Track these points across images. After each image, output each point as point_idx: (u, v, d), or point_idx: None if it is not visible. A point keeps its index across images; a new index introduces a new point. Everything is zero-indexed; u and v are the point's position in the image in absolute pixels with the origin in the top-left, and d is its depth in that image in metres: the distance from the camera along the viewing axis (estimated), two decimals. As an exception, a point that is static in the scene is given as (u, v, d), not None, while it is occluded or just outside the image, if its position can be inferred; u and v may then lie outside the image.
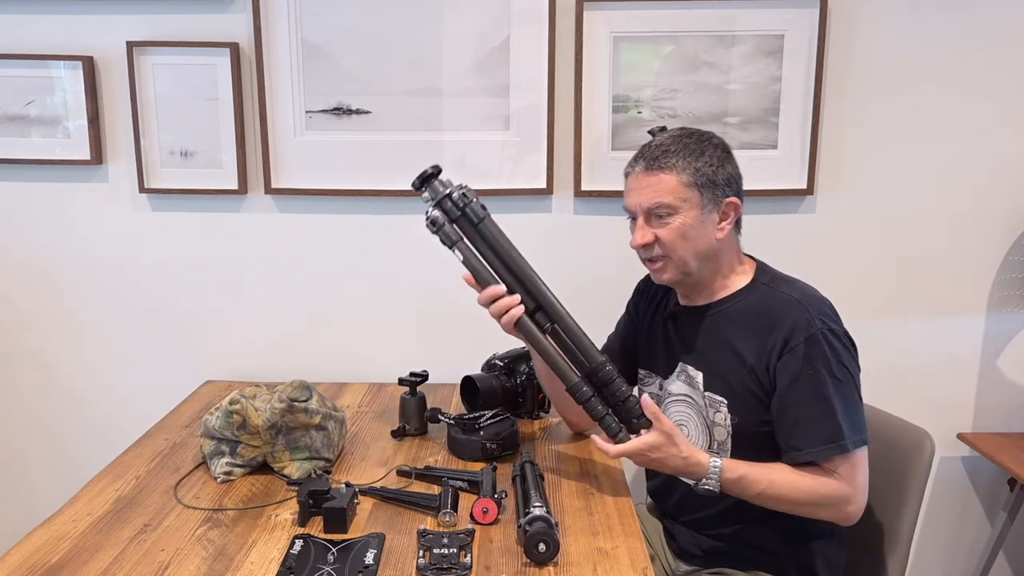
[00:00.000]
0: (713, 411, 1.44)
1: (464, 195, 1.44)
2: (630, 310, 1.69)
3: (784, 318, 1.38)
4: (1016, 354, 2.09)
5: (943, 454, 2.11)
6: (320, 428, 1.53)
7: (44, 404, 2.15)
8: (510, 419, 1.64)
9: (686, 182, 1.38)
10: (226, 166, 2.00)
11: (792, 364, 1.35)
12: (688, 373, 1.49)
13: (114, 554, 1.25)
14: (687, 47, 1.93)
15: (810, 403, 1.35)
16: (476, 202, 1.45)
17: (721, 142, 1.44)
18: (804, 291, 1.43)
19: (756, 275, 1.48)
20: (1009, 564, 2.21)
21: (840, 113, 1.97)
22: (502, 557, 1.25)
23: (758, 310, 1.42)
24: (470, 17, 1.93)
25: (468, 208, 1.45)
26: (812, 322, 1.36)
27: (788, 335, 1.36)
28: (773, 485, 1.35)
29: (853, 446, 1.34)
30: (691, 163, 1.39)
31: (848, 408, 1.35)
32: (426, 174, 1.45)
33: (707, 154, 1.40)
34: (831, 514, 1.38)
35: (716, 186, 1.40)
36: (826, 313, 1.39)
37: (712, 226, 1.41)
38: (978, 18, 1.93)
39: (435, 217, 1.44)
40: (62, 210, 2.06)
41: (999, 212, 2.02)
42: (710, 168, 1.39)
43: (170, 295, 2.09)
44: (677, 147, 1.40)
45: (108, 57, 1.98)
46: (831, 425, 1.33)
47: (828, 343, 1.35)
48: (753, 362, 1.40)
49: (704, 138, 1.42)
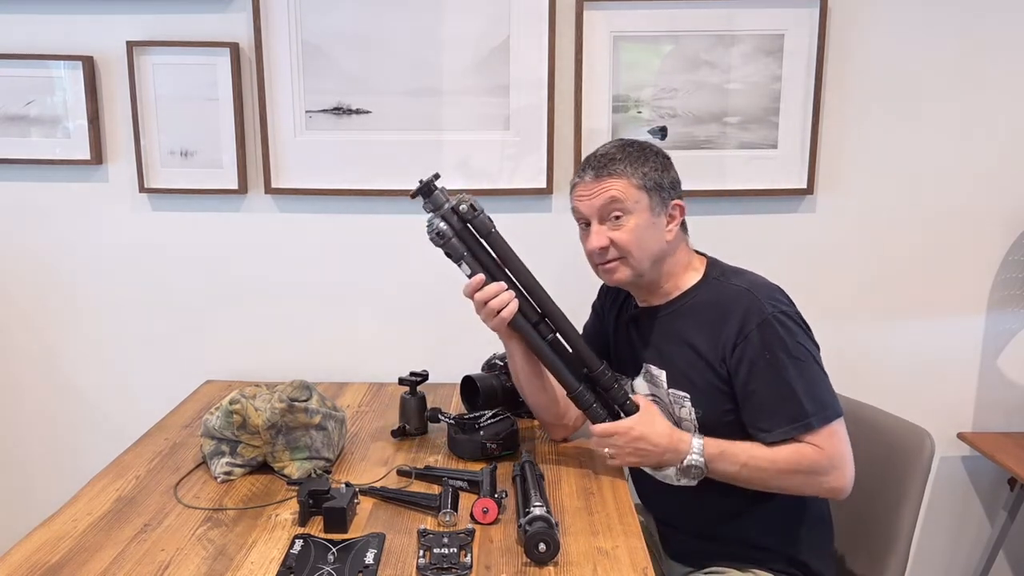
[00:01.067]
0: (678, 407, 1.47)
1: (472, 207, 1.44)
2: (597, 310, 1.71)
3: (735, 308, 1.42)
4: (1016, 354, 2.09)
5: (943, 454, 2.12)
6: (320, 428, 1.53)
7: (44, 404, 2.15)
8: (510, 419, 1.64)
9: (636, 184, 1.44)
10: (226, 166, 2.00)
11: (749, 351, 1.39)
12: (651, 372, 1.52)
13: (114, 554, 1.25)
14: (687, 47, 1.93)
15: (772, 387, 1.38)
16: (483, 214, 1.46)
17: (660, 151, 1.50)
18: (753, 280, 1.47)
19: (707, 271, 1.52)
20: (1009, 564, 2.21)
21: (840, 113, 1.97)
22: (502, 557, 1.25)
23: (710, 304, 1.47)
24: (470, 17, 1.93)
25: (476, 220, 1.45)
26: (763, 307, 1.39)
27: (741, 323, 1.40)
28: (754, 458, 1.38)
29: (819, 422, 1.36)
30: (638, 168, 1.45)
31: (810, 386, 1.37)
32: (427, 183, 1.44)
33: (651, 160, 1.46)
34: (815, 486, 1.39)
35: (663, 189, 1.46)
36: (776, 298, 1.43)
37: (661, 228, 1.46)
38: (978, 18, 1.93)
39: (441, 230, 1.44)
40: (62, 210, 2.06)
41: (999, 212, 2.02)
42: (655, 172, 1.46)
43: (170, 295, 2.09)
44: (622, 155, 1.46)
45: (108, 57, 1.98)
46: (794, 406, 1.37)
47: (781, 324, 1.39)
48: (710, 355, 1.43)
49: (645, 147, 1.49)
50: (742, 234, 2.02)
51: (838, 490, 1.39)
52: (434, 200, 1.45)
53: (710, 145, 1.98)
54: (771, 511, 1.46)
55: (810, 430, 1.36)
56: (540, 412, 1.66)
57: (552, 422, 1.66)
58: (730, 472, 1.40)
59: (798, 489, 1.40)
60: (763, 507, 1.45)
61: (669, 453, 1.41)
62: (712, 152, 1.98)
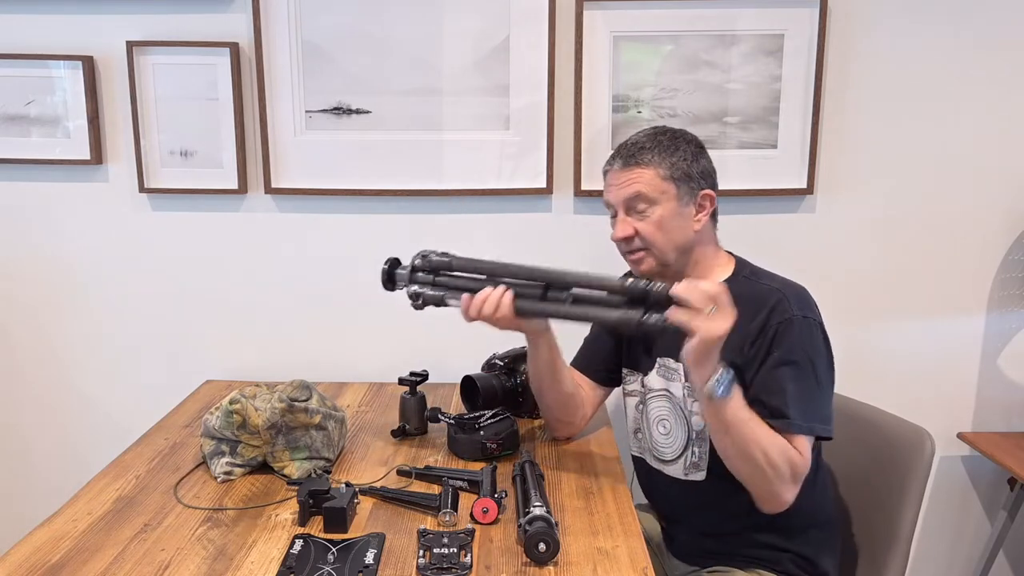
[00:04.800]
0: (692, 400, 1.47)
1: (423, 257, 1.50)
2: None
3: (763, 306, 1.41)
4: (1016, 354, 2.09)
5: (943, 453, 2.12)
6: (320, 428, 1.53)
7: (43, 404, 2.15)
8: (510, 419, 1.64)
9: (663, 175, 1.43)
10: (226, 166, 2.00)
11: (763, 345, 1.39)
12: (668, 366, 1.51)
13: (114, 554, 1.25)
14: (687, 47, 1.93)
15: (766, 378, 1.37)
16: (433, 254, 1.50)
17: (694, 138, 1.49)
18: (785, 282, 1.46)
19: (737, 268, 1.51)
20: (1009, 564, 2.21)
21: (840, 113, 1.97)
22: (502, 557, 1.25)
23: (740, 301, 1.42)
24: (470, 17, 1.93)
25: (431, 264, 1.50)
26: (789, 308, 1.39)
27: (765, 320, 1.40)
28: (755, 420, 1.32)
29: (796, 429, 1.34)
30: (666, 158, 1.44)
31: (801, 393, 1.35)
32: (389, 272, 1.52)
33: (681, 149, 1.45)
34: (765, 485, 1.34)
35: (691, 179, 1.45)
36: (805, 302, 1.42)
37: (689, 218, 1.46)
38: (978, 18, 1.93)
39: (413, 293, 1.50)
40: (62, 210, 2.06)
41: (999, 212, 2.02)
42: (684, 162, 1.45)
43: (170, 295, 2.09)
44: (652, 144, 1.45)
45: (108, 57, 1.98)
46: (778, 402, 1.35)
47: (800, 328, 1.38)
48: (731, 350, 1.40)
49: (677, 135, 1.48)
50: (742, 234, 2.00)
51: (778, 502, 1.35)
52: (401, 279, 1.52)
53: (710, 145, 1.92)
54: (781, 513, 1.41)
55: (787, 431, 1.33)
56: (552, 410, 1.65)
57: (561, 420, 1.66)
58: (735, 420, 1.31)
59: (750, 475, 1.34)
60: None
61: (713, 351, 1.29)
62: (712, 152, 1.93)
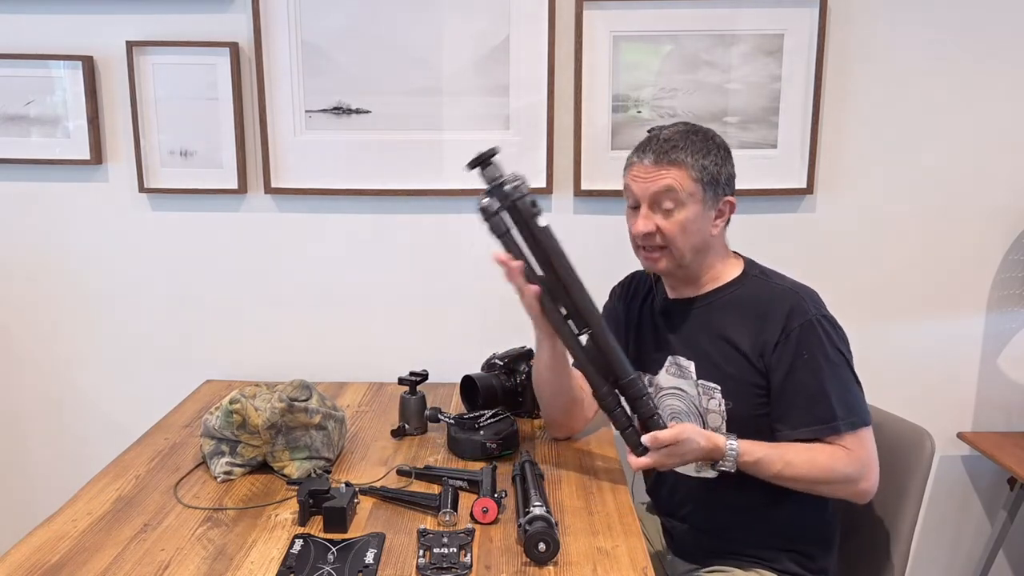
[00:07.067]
0: (707, 399, 1.47)
1: (517, 187, 1.42)
2: (610, 315, 1.65)
3: (779, 307, 1.42)
4: (1016, 354, 2.09)
5: (943, 453, 2.11)
6: (320, 428, 1.53)
7: (43, 404, 2.15)
8: (510, 418, 1.64)
9: (694, 177, 1.42)
10: (226, 166, 2.00)
11: (788, 349, 1.40)
12: (679, 364, 1.51)
13: (114, 554, 1.25)
14: (687, 46, 1.93)
15: (805, 387, 1.39)
16: (528, 198, 1.43)
17: (723, 142, 1.48)
18: (795, 282, 1.48)
19: (746, 267, 1.52)
20: (1009, 563, 2.21)
21: (840, 113, 1.97)
22: (502, 556, 1.25)
23: (752, 299, 1.47)
24: (470, 17, 1.93)
25: (519, 202, 1.42)
26: (807, 309, 1.41)
27: (785, 322, 1.41)
28: (790, 465, 1.37)
29: (846, 428, 1.37)
30: (699, 160, 1.43)
31: (843, 391, 1.39)
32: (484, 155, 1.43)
33: (712, 153, 1.44)
34: (845, 492, 1.40)
35: (718, 184, 1.45)
36: (818, 302, 1.45)
37: (709, 222, 1.46)
38: (978, 17, 1.93)
39: (490, 206, 1.42)
40: (62, 210, 2.06)
41: (999, 212, 2.02)
42: (715, 167, 1.44)
43: (170, 295, 2.09)
44: (685, 143, 1.43)
45: (108, 57, 1.98)
46: (824, 408, 1.38)
47: (823, 328, 1.40)
48: (747, 349, 1.43)
49: (708, 136, 1.47)
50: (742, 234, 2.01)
51: (864, 493, 1.40)
52: (488, 173, 1.43)
53: (710, 145, 1.97)
54: (782, 509, 1.45)
55: (836, 433, 1.37)
56: (552, 409, 1.64)
57: (561, 420, 1.66)
58: (763, 476, 1.39)
59: (828, 494, 1.42)
60: (775, 505, 1.44)
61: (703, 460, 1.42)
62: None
